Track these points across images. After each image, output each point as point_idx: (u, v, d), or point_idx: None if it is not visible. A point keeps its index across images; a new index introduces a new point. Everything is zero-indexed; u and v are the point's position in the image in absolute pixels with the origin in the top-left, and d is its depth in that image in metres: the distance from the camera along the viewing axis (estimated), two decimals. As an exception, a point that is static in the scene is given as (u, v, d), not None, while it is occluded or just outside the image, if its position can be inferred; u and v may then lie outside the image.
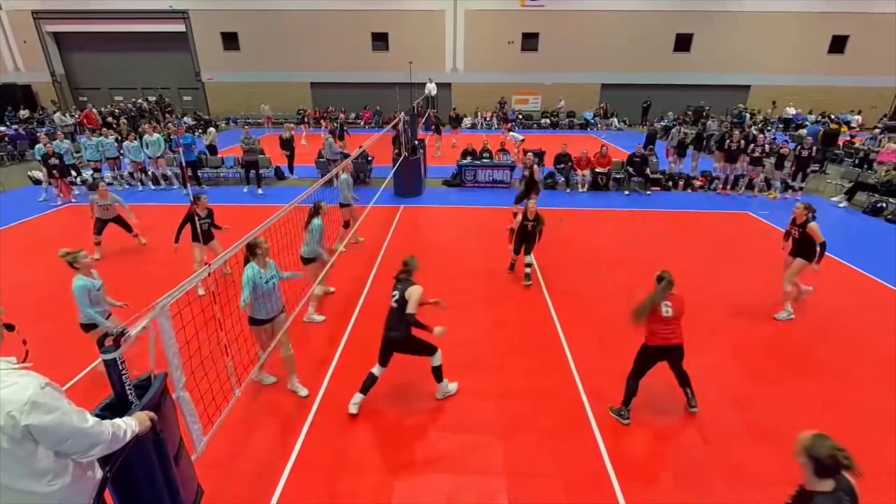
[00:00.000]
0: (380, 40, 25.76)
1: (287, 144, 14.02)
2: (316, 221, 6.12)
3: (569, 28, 24.95)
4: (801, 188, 12.32)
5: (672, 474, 4.03)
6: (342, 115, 21.48)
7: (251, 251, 4.40)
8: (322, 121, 23.38)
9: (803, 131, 18.99)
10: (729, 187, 13.00)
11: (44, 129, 19.44)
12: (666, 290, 4.26)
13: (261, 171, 12.95)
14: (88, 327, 4.76)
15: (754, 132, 15.38)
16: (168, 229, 9.75)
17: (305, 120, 23.55)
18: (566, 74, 26.06)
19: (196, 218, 6.71)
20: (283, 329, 4.63)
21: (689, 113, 24.75)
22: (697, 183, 13.29)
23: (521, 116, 26.10)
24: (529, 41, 25.64)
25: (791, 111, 24.91)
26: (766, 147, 13.13)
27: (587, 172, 13.00)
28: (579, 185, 13.05)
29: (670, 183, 13.31)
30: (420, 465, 4.11)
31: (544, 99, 26.84)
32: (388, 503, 3.75)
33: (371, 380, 4.65)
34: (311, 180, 11.73)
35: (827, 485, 2.21)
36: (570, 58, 25.62)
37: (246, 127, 14.22)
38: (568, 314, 6.57)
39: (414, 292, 4.39)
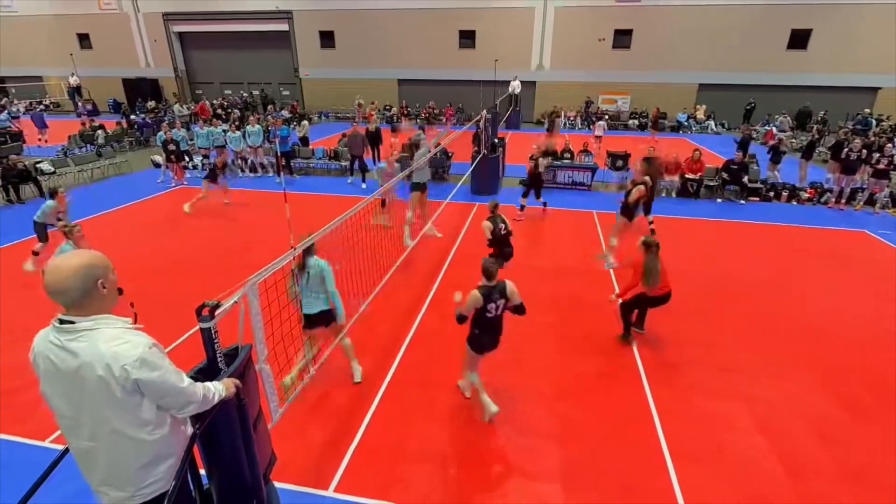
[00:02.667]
0: (467, 38, 25.89)
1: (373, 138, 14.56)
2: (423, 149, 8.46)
3: (666, 24, 23.47)
4: (936, 207, 10.71)
5: (748, 509, 3.72)
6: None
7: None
8: (404, 117, 23.91)
9: (945, 141, 16.39)
10: (843, 201, 11.61)
11: (165, 119, 21.84)
12: (657, 254, 5.40)
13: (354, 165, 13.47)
14: None
15: (880, 141, 13.55)
16: (262, 213, 10.65)
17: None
18: (660, 73, 24.52)
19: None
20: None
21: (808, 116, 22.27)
22: (805, 195, 11.99)
23: (608, 117, 25.04)
24: (621, 38, 24.45)
25: (933, 117, 21.57)
26: (895, 158, 11.53)
27: (676, 178, 12.21)
28: (665, 192, 12.32)
29: (771, 193, 12.13)
30: (476, 463, 4.14)
31: (634, 99, 25.56)
32: (440, 495, 3.83)
33: None
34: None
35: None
36: (666, 56, 24.05)
37: (355, 124, 14.66)
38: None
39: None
